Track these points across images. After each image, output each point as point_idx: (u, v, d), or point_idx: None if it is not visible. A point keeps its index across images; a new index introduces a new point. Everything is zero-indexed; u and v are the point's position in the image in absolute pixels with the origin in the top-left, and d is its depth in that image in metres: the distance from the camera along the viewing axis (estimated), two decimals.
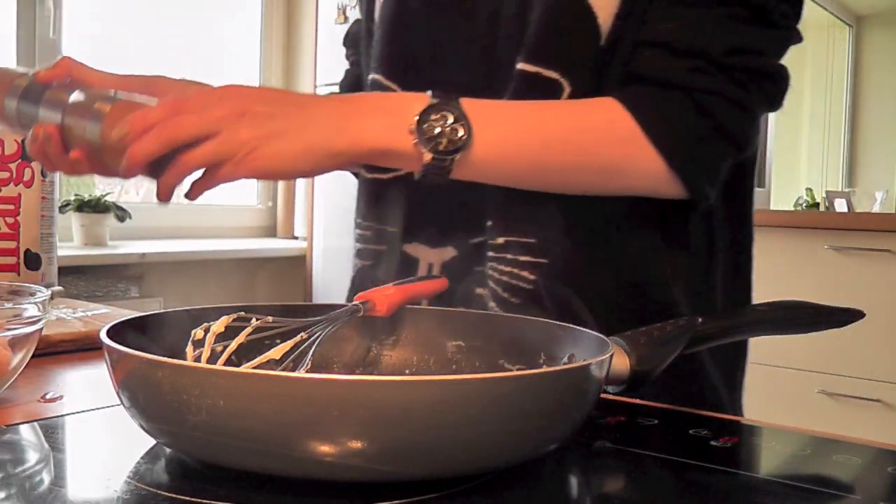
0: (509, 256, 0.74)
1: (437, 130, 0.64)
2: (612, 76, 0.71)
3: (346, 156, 0.64)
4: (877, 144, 4.20)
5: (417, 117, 0.63)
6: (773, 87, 0.72)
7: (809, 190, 3.79)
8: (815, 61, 4.15)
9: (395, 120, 0.64)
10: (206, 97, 0.63)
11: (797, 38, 0.73)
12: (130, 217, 2.31)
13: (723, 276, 0.80)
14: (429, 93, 0.65)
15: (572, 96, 0.71)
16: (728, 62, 0.68)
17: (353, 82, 0.94)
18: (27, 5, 2.18)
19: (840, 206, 3.35)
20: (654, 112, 0.68)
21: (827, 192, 3.58)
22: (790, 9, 0.71)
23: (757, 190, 0.84)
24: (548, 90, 0.71)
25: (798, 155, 4.26)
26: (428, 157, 0.64)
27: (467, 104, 0.65)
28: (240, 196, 2.93)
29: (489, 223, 0.75)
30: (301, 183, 2.82)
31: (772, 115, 3.21)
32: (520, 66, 0.72)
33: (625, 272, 0.75)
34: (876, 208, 3.39)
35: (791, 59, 0.74)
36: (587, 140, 0.68)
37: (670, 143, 0.68)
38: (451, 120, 0.64)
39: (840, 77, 4.20)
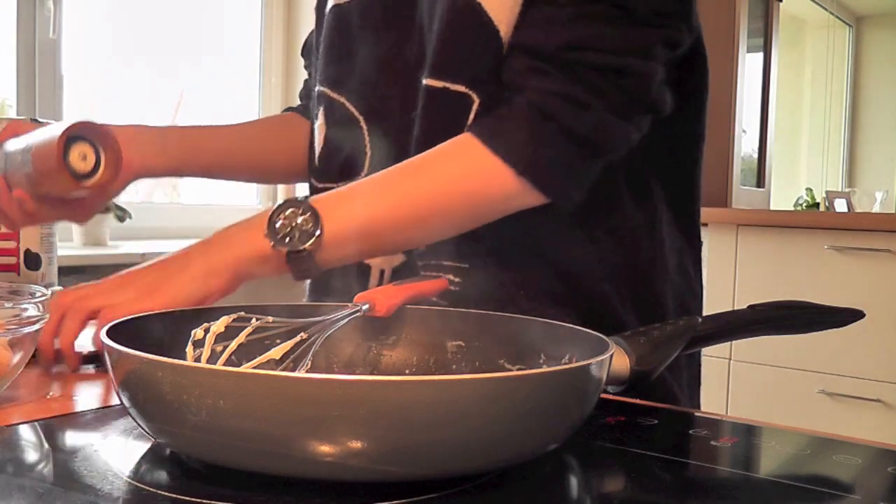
0: (433, 262, 0.77)
1: (289, 228, 0.67)
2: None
3: (228, 273, 0.69)
4: (877, 144, 4.20)
5: (268, 220, 0.68)
6: (636, 86, 0.68)
7: (809, 190, 3.79)
8: (815, 61, 4.15)
9: (248, 235, 0.69)
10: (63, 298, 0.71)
11: (681, 36, 0.71)
12: (130, 217, 2.30)
13: (672, 278, 0.81)
14: (275, 207, 0.69)
15: (482, 108, 0.71)
16: (566, 58, 0.67)
17: (307, 93, 0.98)
18: (27, 5, 2.18)
19: (840, 206, 3.35)
20: (497, 128, 0.69)
21: (827, 192, 3.58)
22: (664, 6, 0.68)
23: (757, 190, 0.84)
24: (458, 104, 0.72)
25: (798, 155, 4.26)
26: (284, 252, 0.67)
27: (316, 198, 0.69)
28: (240, 196, 2.93)
29: (419, 250, 0.77)
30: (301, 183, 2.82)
31: (772, 115, 3.21)
32: (426, 81, 0.73)
33: (557, 274, 0.76)
34: (876, 208, 3.39)
35: (791, 59, 0.74)
36: (446, 181, 0.70)
37: (514, 154, 0.67)
38: (299, 215, 0.67)
39: (840, 77, 4.20)
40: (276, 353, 0.54)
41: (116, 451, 0.50)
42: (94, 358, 0.69)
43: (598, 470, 0.50)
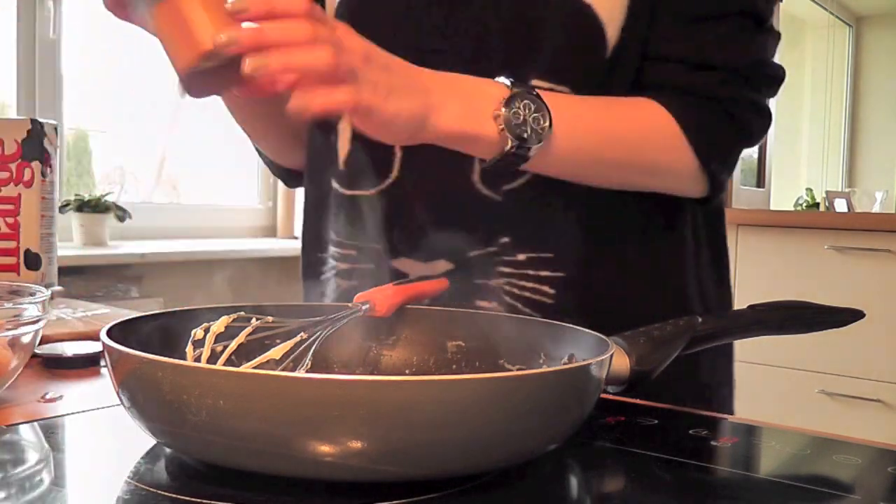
0: (531, 272, 0.74)
1: (521, 118, 0.63)
2: (615, 85, 0.73)
3: (432, 134, 0.62)
4: (877, 144, 4.20)
5: (504, 104, 0.63)
6: (776, 84, 0.77)
7: (809, 190, 3.79)
8: (815, 61, 4.15)
9: (477, 104, 0.63)
10: (323, 27, 0.55)
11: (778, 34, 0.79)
12: (130, 217, 2.30)
13: (708, 271, 0.84)
14: (503, 79, 0.65)
15: None
16: (751, 73, 0.74)
17: None
18: (27, 5, 2.18)
19: (840, 206, 3.35)
20: (694, 120, 0.72)
21: (827, 192, 3.58)
22: (772, 10, 0.77)
23: (757, 190, 0.85)
24: None
25: (798, 155, 4.26)
26: (511, 144, 0.63)
27: (544, 94, 0.65)
28: (240, 196, 2.93)
29: (504, 239, 0.74)
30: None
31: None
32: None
33: (640, 276, 0.78)
34: (876, 208, 3.39)
35: (791, 59, 0.77)
36: (640, 140, 0.72)
37: (707, 149, 0.73)
38: (533, 109, 0.64)
39: (840, 77, 4.20)
40: (276, 353, 0.54)
41: (116, 451, 0.50)
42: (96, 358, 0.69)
43: (598, 470, 0.50)
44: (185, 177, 2.84)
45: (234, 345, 0.55)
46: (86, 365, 0.69)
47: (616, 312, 0.72)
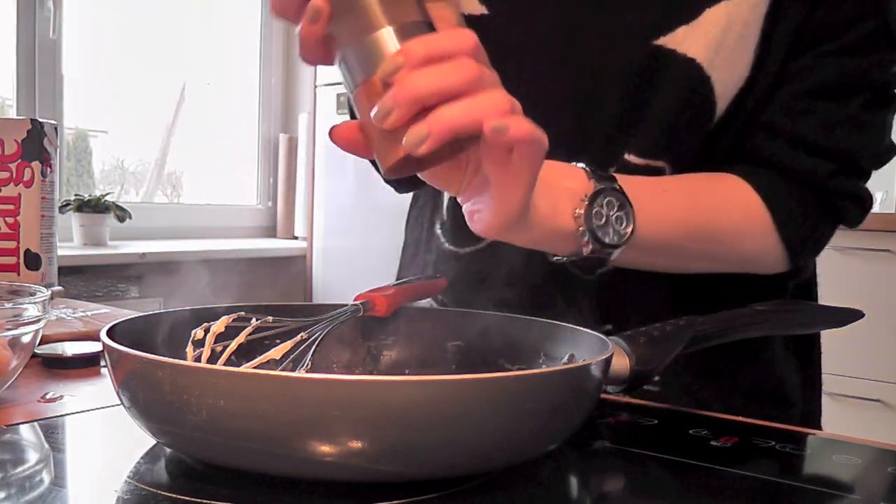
0: None
1: (604, 220, 0.58)
2: (711, 159, 0.69)
3: (524, 227, 0.55)
4: None
5: (587, 202, 0.58)
6: (886, 163, 0.72)
7: None
8: None
9: (558, 201, 0.58)
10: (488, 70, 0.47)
11: None
12: (130, 217, 2.31)
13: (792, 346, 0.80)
14: (582, 167, 0.59)
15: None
16: (868, 166, 0.69)
17: None
18: (27, 5, 2.18)
19: None
20: (789, 213, 0.67)
21: None
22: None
23: None
24: (649, 174, 0.68)
25: None
26: (590, 248, 0.58)
27: (626, 185, 0.60)
28: (240, 196, 2.93)
29: (608, 327, 0.69)
30: (301, 183, 2.82)
31: None
32: (629, 157, 0.68)
33: (734, 354, 0.72)
34: (876, 208, 3.38)
35: None
36: (728, 232, 0.66)
37: (800, 244, 0.68)
38: (616, 208, 0.59)
39: None
40: (276, 353, 0.54)
41: (116, 451, 0.50)
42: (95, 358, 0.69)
43: (598, 470, 0.50)
44: (186, 177, 2.84)
45: (234, 345, 0.55)
46: (86, 365, 0.69)
47: (711, 387, 0.70)
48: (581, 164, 0.60)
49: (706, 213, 0.66)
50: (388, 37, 0.46)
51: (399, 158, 0.46)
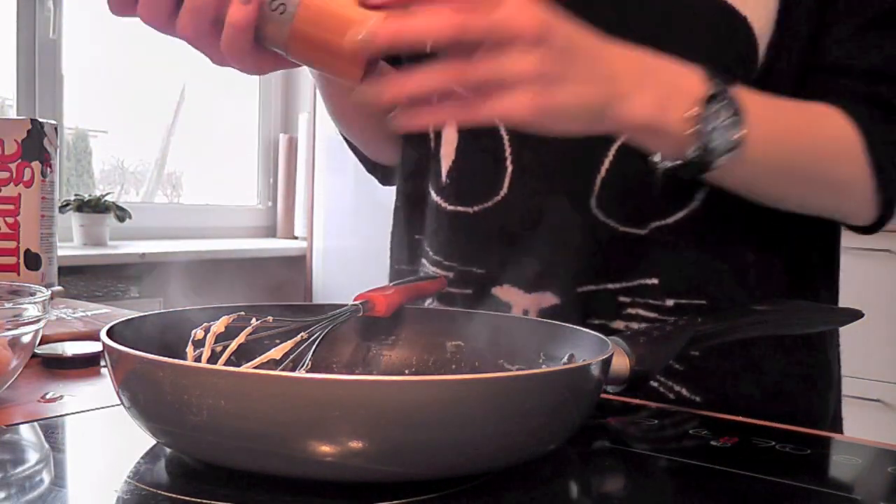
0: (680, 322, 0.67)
1: (714, 125, 0.56)
2: None
3: (614, 125, 0.54)
4: None
5: (701, 104, 0.55)
6: None
7: None
8: None
9: (670, 98, 0.55)
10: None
11: None
12: (130, 217, 2.31)
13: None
14: (704, 71, 0.57)
15: None
16: None
17: None
18: (27, 5, 2.18)
19: None
20: (881, 136, 0.64)
21: None
22: None
23: None
24: None
25: None
26: (695, 152, 0.56)
27: (742, 96, 0.57)
28: (240, 196, 2.93)
29: (651, 280, 0.67)
30: (301, 183, 2.82)
31: None
32: None
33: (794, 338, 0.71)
34: None
35: None
36: (830, 153, 0.64)
37: (889, 171, 0.65)
38: (729, 115, 0.56)
39: None
40: (276, 353, 0.54)
41: (116, 451, 0.50)
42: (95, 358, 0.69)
43: (598, 470, 0.50)
44: (185, 177, 2.84)
45: (234, 345, 0.55)
46: (86, 365, 0.69)
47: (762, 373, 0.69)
48: (703, 69, 0.57)
49: (813, 132, 0.63)
50: None
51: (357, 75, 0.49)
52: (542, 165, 0.61)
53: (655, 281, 0.67)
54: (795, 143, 0.62)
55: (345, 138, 0.87)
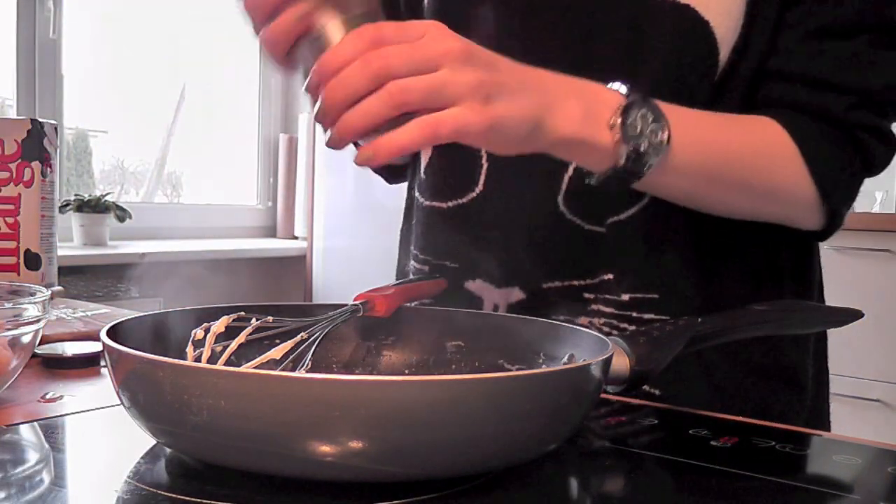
0: (634, 314, 0.69)
1: (639, 130, 0.57)
2: (720, 109, 0.67)
3: (548, 137, 0.55)
4: None
5: (621, 112, 0.57)
6: None
7: None
8: None
9: (594, 109, 0.57)
10: (410, 28, 0.52)
11: None
12: (130, 217, 2.31)
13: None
14: (618, 85, 0.59)
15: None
16: (883, 98, 0.67)
17: None
18: (27, 5, 2.18)
19: None
20: (817, 145, 0.66)
21: None
22: None
23: None
24: None
25: None
26: (624, 158, 0.57)
27: (662, 105, 0.60)
28: (240, 196, 2.93)
29: (607, 276, 0.69)
30: (301, 183, 2.82)
31: None
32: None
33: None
34: (876, 208, 3.39)
35: None
36: (761, 160, 0.66)
37: (829, 178, 0.66)
38: (651, 120, 0.58)
39: None
40: (276, 353, 0.54)
41: (116, 451, 0.50)
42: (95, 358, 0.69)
43: (598, 470, 0.50)
44: (185, 177, 2.84)
45: (234, 345, 0.55)
46: (86, 365, 0.69)
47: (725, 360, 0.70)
48: (616, 83, 0.59)
49: (742, 139, 0.65)
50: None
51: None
52: (515, 163, 0.62)
53: (611, 276, 0.69)
54: (723, 149, 0.64)
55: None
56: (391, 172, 0.89)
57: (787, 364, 0.75)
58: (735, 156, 0.64)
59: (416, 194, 0.78)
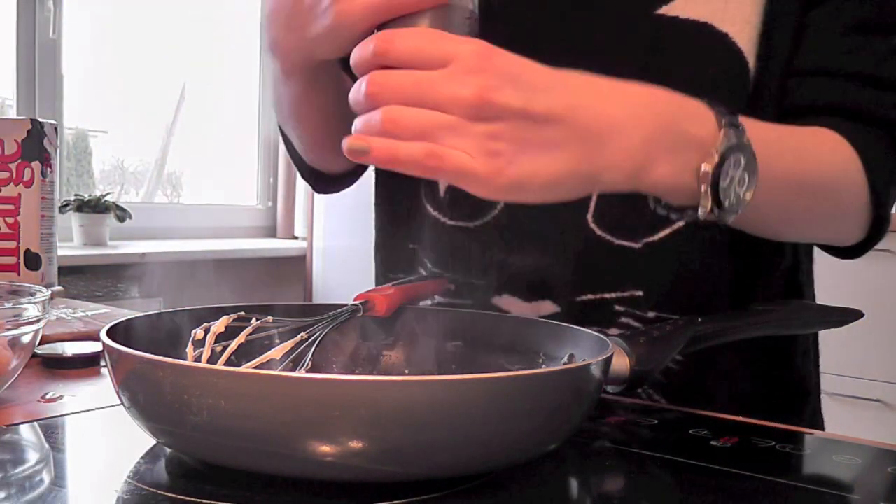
0: None
1: (727, 182, 0.52)
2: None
3: (616, 186, 0.50)
4: None
5: (717, 163, 0.51)
6: None
7: None
8: None
9: (682, 153, 0.51)
10: (438, 48, 0.47)
11: None
12: (130, 217, 2.30)
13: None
14: (720, 117, 0.52)
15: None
16: None
17: None
18: (27, 5, 2.18)
19: None
20: (875, 154, 0.63)
21: None
22: None
23: None
24: None
25: None
26: (709, 212, 0.52)
27: (756, 151, 0.53)
28: (240, 196, 2.93)
29: (638, 292, 0.68)
30: (301, 183, 2.82)
31: None
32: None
33: (768, 350, 0.72)
34: None
35: None
36: (831, 185, 0.63)
37: (883, 185, 0.64)
38: (741, 168, 0.52)
39: None
40: (276, 353, 0.54)
41: (116, 451, 0.50)
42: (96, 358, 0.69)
43: (598, 470, 0.50)
44: (185, 177, 2.84)
45: (234, 345, 0.55)
46: (86, 365, 0.69)
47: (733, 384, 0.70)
48: (719, 113, 0.53)
49: (814, 165, 0.62)
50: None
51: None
52: None
53: (641, 293, 0.68)
54: (799, 181, 0.60)
55: (284, 138, 0.83)
56: (320, 180, 0.85)
57: (796, 373, 0.76)
58: (808, 184, 0.61)
59: (436, 214, 0.75)
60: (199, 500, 0.41)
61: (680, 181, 0.51)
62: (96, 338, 0.51)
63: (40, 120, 1.00)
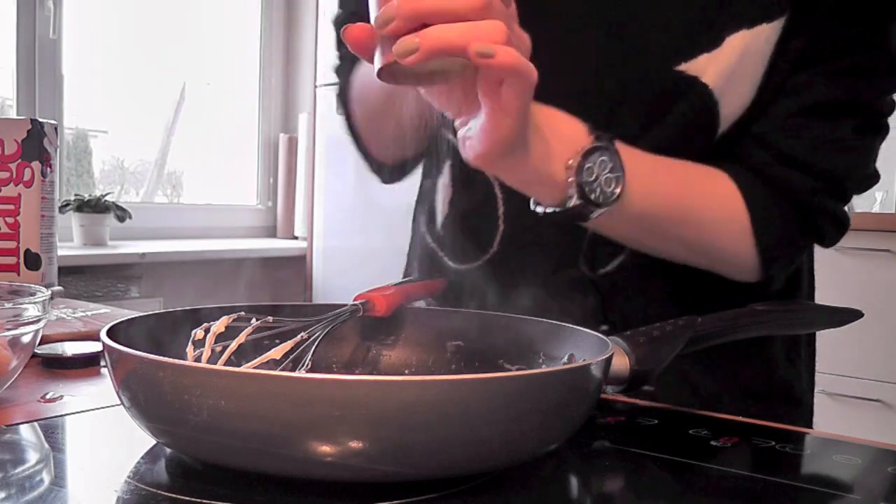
0: None
1: (594, 176, 0.58)
2: (708, 158, 0.68)
3: (514, 164, 0.57)
4: None
5: (581, 155, 0.58)
6: (870, 187, 0.71)
7: None
8: None
9: (555, 147, 0.58)
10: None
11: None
12: (130, 217, 2.31)
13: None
14: (586, 126, 0.60)
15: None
16: (851, 189, 0.68)
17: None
18: (27, 5, 2.18)
19: None
20: (769, 217, 0.67)
21: None
22: (893, 107, 0.69)
23: None
24: None
25: None
26: (576, 201, 0.58)
27: (622, 152, 0.60)
28: (240, 196, 2.93)
29: (604, 327, 0.69)
30: (301, 183, 2.82)
31: None
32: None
33: (735, 359, 0.73)
34: (876, 208, 3.39)
35: None
36: (710, 225, 0.67)
37: (773, 250, 0.68)
38: (608, 169, 0.59)
39: None
40: (276, 353, 0.54)
41: (116, 451, 0.50)
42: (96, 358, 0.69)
43: (598, 470, 0.50)
44: (185, 177, 2.84)
45: (234, 345, 0.55)
46: (86, 365, 0.69)
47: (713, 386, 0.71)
48: (586, 125, 0.60)
49: (694, 200, 0.66)
50: None
51: (387, 63, 0.49)
52: (531, 227, 0.64)
53: (606, 327, 0.69)
54: (673, 204, 0.65)
55: (352, 131, 0.83)
56: (389, 172, 0.86)
57: (781, 380, 0.76)
58: (687, 217, 0.65)
59: (434, 247, 0.78)
60: (199, 500, 0.41)
61: (548, 168, 0.58)
62: (96, 338, 0.52)
63: (40, 120, 1.00)
